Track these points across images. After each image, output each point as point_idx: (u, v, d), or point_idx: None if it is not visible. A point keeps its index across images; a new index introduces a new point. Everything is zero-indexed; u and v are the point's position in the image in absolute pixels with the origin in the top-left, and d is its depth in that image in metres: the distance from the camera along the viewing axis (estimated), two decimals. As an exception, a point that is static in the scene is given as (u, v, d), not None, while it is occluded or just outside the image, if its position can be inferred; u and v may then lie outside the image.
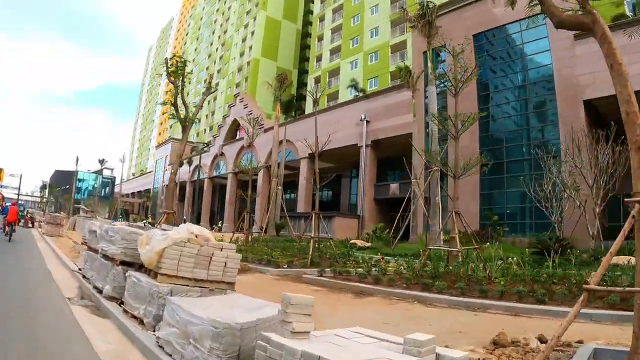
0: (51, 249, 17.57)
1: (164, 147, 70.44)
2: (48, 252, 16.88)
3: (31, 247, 18.72)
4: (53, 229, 24.11)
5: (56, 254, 15.56)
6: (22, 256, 14.78)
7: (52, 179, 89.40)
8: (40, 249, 17.78)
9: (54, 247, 17.94)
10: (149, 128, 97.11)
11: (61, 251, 16.33)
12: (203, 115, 70.94)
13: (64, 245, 18.91)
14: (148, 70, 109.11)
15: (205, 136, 69.03)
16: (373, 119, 35.70)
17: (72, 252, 16.29)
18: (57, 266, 12.82)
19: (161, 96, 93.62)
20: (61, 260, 13.72)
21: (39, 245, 19.57)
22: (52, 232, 24.03)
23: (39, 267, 12.42)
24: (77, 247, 16.87)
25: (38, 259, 14.24)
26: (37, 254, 16.07)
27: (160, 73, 44.35)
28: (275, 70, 61.68)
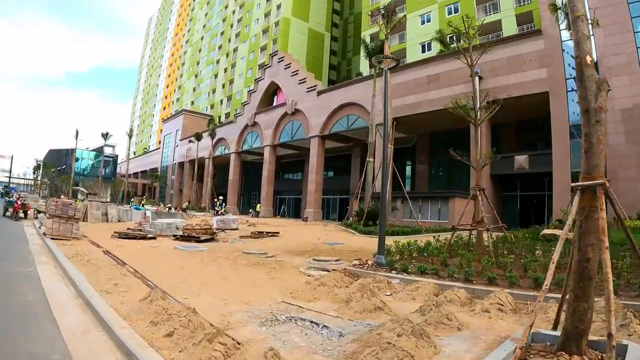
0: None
1: (174, 120, 58.09)
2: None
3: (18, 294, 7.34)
4: (63, 226, 12.83)
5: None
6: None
7: (46, 160, 75.56)
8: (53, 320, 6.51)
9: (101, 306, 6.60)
10: (151, 103, 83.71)
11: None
12: (219, 85, 58.63)
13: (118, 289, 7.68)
14: (149, 42, 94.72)
15: (222, 108, 57.01)
16: (487, 75, 25.13)
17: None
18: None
19: (165, 68, 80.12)
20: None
21: (45, 283, 7.59)
22: (62, 233, 12.80)
23: None
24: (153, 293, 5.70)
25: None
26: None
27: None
28: (307, 32, 50.01)
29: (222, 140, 45.09)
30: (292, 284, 7.95)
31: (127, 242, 14.07)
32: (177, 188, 55.05)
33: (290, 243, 15.97)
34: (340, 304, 6.27)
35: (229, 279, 8.31)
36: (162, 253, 11.69)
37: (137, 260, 9.99)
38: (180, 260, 10.48)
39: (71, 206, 13.33)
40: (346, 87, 32.88)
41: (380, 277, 8.58)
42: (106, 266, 8.75)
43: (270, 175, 38.24)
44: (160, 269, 9.13)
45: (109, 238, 14.95)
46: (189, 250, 12.23)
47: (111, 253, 10.72)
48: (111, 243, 13.35)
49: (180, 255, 11.37)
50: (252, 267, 10.14)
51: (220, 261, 10.71)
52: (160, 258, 10.78)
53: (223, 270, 9.19)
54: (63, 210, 13.14)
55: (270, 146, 38.07)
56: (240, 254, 12.28)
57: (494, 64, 24.93)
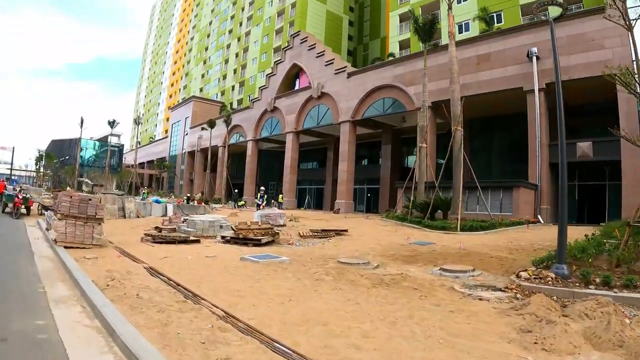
0: None
1: (183, 108, 53.69)
2: None
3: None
4: (80, 230, 8.97)
5: None
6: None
7: (49, 151, 70.82)
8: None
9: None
10: (157, 91, 78.85)
11: None
12: (230, 70, 54.17)
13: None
14: (152, 30, 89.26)
15: (234, 94, 52.69)
16: (545, 56, 21.40)
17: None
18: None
19: (170, 55, 75.30)
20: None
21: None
22: (80, 239, 8.97)
23: None
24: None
25: None
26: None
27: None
28: (325, 15, 45.72)
29: (238, 127, 40.95)
30: (491, 325, 4.63)
31: (166, 248, 10.26)
32: (187, 178, 50.95)
33: (372, 244, 12.28)
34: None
35: (396, 322, 4.65)
36: (231, 269, 7.89)
37: (209, 286, 6.25)
38: (271, 282, 6.74)
39: (91, 203, 9.41)
40: (381, 68, 28.91)
41: (602, 299, 5.17)
42: (170, 305, 4.96)
43: (294, 164, 34.30)
44: (252, 300, 5.47)
45: (139, 242, 11.12)
46: (265, 263, 8.46)
47: (161, 273, 6.89)
48: (147, 251, 9.52)
49: (260, 272, 7.61)
50: (383, 289, 6.59)
51: (329, 282, 6.97)
52: (235, 278, 7.01)
53: (361, 307, 5.39)
54: (81, 208, 9.24)
55: (293, 133, 34.07)
56: (338, 265, 8.60)
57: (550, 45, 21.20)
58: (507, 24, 30.19)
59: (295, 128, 33.94)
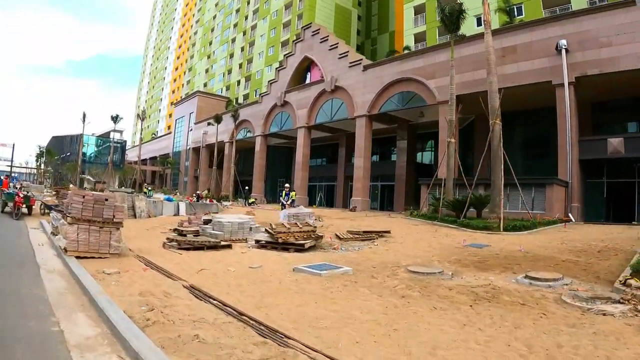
0: None
1: (187, 103, 51.72)
2: None
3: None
4: (96, 237, 7.31)
5: None
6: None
7: (49, 147, 68.58)
8: None
9: None
10: (159, 87, 76.60)
11: None
12: (235, 65, 52.21)
13: None
14: (154, 25, 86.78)
15: (239, 89, 50.77)
16: (574, 49, 19.90)
17: None
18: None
19: (173, 50, 73.15)
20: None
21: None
22: (96, 248, 7.29)
23: None
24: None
25: None
26: None
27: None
28: (334, 8, 43.90)
29: (245, 123, 39.12)
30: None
31: (196, 256, 8.59)
32: (192, 175, 49.11)
33: (424, 247, 10.63)
34: None
35: (555, 358, 3.30)
36: (289, 284, 6.27)
37: (279, 312, 4.77)
38: (351, 303, 5.25)
39: (108, 204, 7.70)
40: (399, 61, 27.23)
41: None
42: (249, 352, 3.30)
43: (305, 160, 32.60)
44: (348, 333, 4.14)
45: (161, 248, 9.46)
46: (327, 275, 6.83)
47: (210, 296, 5.23)
48: (176, 261, 7.87)
49: (328, 288, 6.05)
50: (490, 307, 5.26)
51: (419, 299, 5.50)
52: (304, 298, 5.46)
53: (490, 335, 3.82)
54: (96, 210, 7.53)
55: (305, 128, 32.34)
56: (411, 276, 7.08)
57: (582, 36, 19.81)
58: (527, 17, 28.62)
59: (307, 123, 32.21)
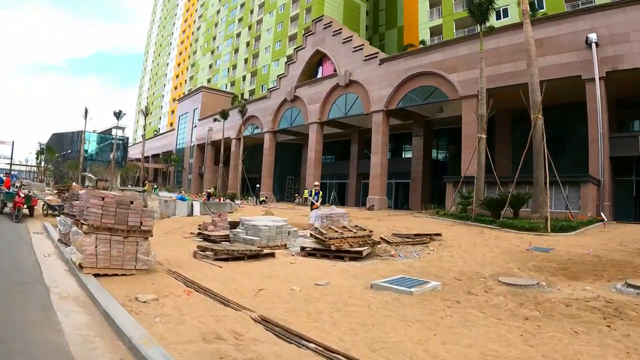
0: None
1: (191, 99, 49.78)
2: None
3: None
4: (119, 249, 5.66)
5: None
6: None
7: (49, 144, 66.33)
8: None
9: None
10: (160, 84, 74.36)
11: None
12: (240, 60, 50.28)
13: None
14: (156, 21, 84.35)
15: (245, 84, 48.90)
16: (605, 42, 18.48)
17: None
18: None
19: (175, 46, 71.04)
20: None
21: None
22: (120, 263, 5.62)
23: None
24: None
25: None
26: None
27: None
28: (342, 2, 42.13)
29: (253, 118, 37.34)
30: None
31: (239, 268, 6.97)
32: (197, 173, 47.29)
33: (485, 252, 9.28)
34: None
35: None
36: (380, 308, 4.84)
37: (395, 357, 3.03)
38: (480, 335, 3.88)
39: (133, 208, 6.02)
40: (418, 55, 25.61)
41: None
42: None
43: (318, 157, 30.93)
44: None
45: (191, 257, 7.82)
46: (418, 293, 5.39)
47: (295, 333, 3.58)
48: (219, 277, 6.21)
49: (433, 312, 4.83)
50: (629, 326, 3.96)
51: (550, 323, 4.28)
52: (416, 330, 4.16)
53: None
54: (119, 216, 5.86)
55: (317, 123, 30.65)
56: (508, 289, 5.78)
57: (613, 29, 18.40)
58: (549, 10, 27.12)
59: (320, 118, 30.52)
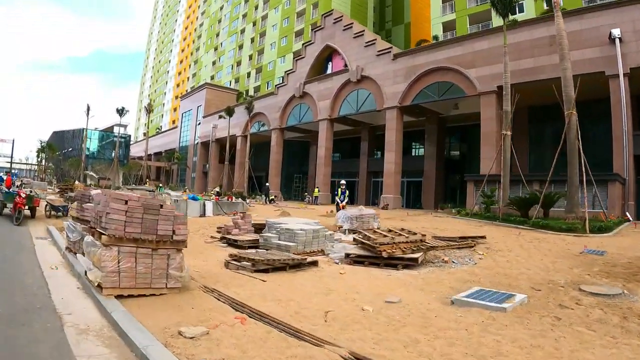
0: None
1: (195, 95, 48.42)
2: None
3: None
4: (146, 264, 4.48)
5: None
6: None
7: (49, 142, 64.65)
8: None
9: None
10: (162, 81, 72.72)
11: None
12: (245, 56, 48.89)
13: None
14: (157, 18, 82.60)
15: (249, 81, 47.53)
16: (629, 38, 17.55)
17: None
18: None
19: (177, 43, 69.51)
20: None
21: None
22: (147, 281, 4.46)
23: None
24: None
25: None
26: None
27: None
28: (350, -4, 40.88)
29: (259, 115, 36.05)
30: None
31: (284, 281, 5.82)
32: (201, 171, 45.97)
33: (539, 256, 8.42)
34: None
35: None
36: (475, 333, 3.94)
37: None
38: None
39: (164, 213, 4.82)
40: (433, 50, 24.42)
41: None
42: None
43: (328, 154, 29.72)
44: None
45: (222, 267, 6.64)
46: (511, 310, 4.76)
47: None
48: (268, 294, 5.01)
49: (543, 335, 4.13)
50: None
51: None
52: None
53: None
54: (146, 223, 4.64)
55: (327, 120, 29.42)
56: (597, 300, 5.18)
57: (637, 25, 17.40)
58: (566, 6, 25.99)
59: (330, 115, 29.30)
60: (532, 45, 20.54)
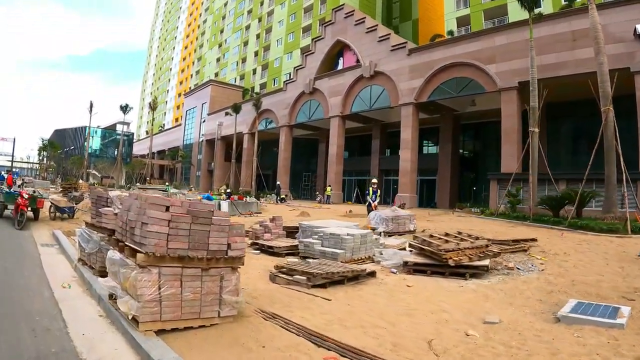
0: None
1: (199, 93, 47.09)
2: None
3: None
4: (196, 288, 3.42)
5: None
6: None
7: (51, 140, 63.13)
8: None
9: None
10: (165, 78, 71.23)
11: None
12: (250, 53, 47.57)
13: None
14: (159, 15, 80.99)
15: (255, 78, 46.21)
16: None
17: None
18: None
19: (180, 40, 68.08)
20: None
21: None
22: (194, 311, 3.17)
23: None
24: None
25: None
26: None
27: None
28: (356, -10, 39.59)
29: (267, 112, 34.81)
30: None
31: (351, 298, 4.72)
32: (206, 169, 44.70)
33: (602, 261, 7.60)
34: None
35: None
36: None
37: None
38: None
39: (217, 222, 3.65)
40: (450, 45, 23.25)
41: None
42: None
43: (340, 152, 28.53)
44: None
45: (267, 281, 5.49)
46: (627, 327, 3.60)
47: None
48: (345, 318, 3.89)
49: None
50: None
51: None
52: None
53: None
54: (195, 236, 3.45)
55: (339, 117, 28.23)
56: None
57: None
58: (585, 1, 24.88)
59: (342, 112, 28.10)
60: (554, 41, 19.44)
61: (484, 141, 28.53)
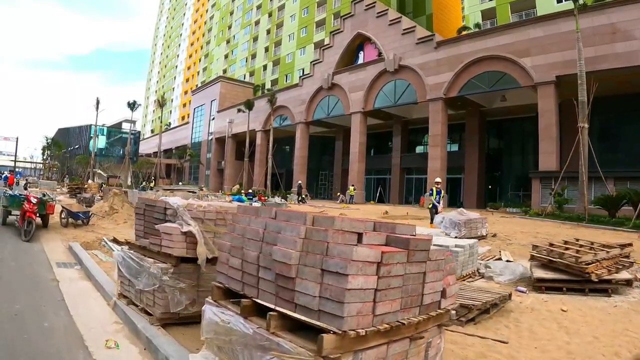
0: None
1: (208, 90, 45.09)
2: None
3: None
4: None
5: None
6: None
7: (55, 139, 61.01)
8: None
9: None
10: (170, 76, 69.03)
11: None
12: (260, 49, 45.57)
13: None
14: (163, 12, 78.66)
15: (266, 74, 44.23)
16: None
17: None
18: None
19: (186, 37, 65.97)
20: None
21: None
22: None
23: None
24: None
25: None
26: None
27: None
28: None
29: (281, 109, 32.89)
30: None
31: (516, 335, 2.95)
32: (215, 168, 42.78)
33: None
34: None
35: None
36: None
37: None
38: None
39: (434, 255, 1.90)
40: (480, 37, 21.54)
41: None
42: None
43: (362, 150, 26.69)
44: None
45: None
46: None
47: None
48: None
49: None
50: None
51: None
52: None
53: None
54: (407, 284, 1.70)
55: (360, 113, 26.39)
56: None
57: None
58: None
59: (364, 108, 26.26)
60: (592, 34, 17.69)
61: (509, 139, 26.82)
